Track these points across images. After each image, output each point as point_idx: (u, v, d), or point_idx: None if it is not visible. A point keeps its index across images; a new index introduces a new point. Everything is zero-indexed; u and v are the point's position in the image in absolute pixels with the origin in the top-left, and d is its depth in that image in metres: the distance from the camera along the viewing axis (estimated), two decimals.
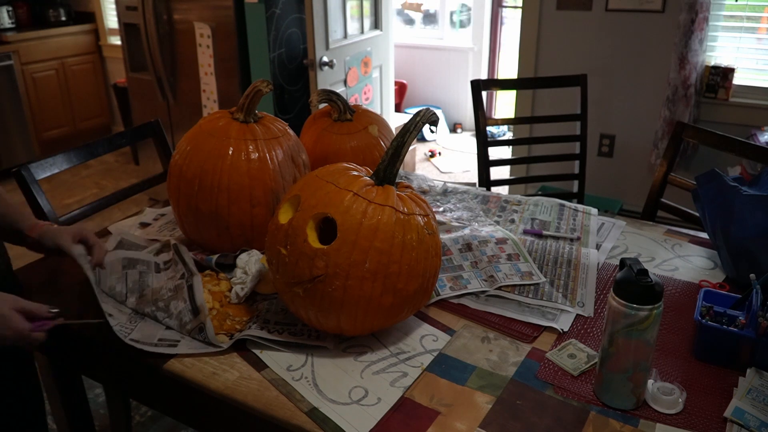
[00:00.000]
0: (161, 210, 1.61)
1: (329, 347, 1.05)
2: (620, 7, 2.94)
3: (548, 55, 3.21)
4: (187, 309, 1.10)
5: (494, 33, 5.16)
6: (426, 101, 5.37)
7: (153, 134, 1.86)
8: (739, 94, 2.88)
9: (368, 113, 1.59)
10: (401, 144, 1.05)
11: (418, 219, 1.02)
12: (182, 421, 1.25)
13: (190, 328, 1.08)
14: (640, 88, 3.04)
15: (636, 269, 0.89)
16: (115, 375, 1.19)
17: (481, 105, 2.19)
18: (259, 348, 1.06)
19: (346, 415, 0.92)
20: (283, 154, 1.28)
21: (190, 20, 3.10)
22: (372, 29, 3.51)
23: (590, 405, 0.95)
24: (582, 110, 2.24)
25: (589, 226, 1.50)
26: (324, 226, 1.01)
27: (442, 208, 1.59)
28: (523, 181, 2.45)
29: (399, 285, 0.99)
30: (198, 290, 1.11)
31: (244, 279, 1.19)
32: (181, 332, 1.08)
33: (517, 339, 1.10)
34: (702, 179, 1.37)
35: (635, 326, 0.88)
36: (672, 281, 1.29)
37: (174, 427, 2.00)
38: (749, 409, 0.91)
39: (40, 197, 1.50)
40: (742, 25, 2.84)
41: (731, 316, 1.07)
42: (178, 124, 3.48)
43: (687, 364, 1.04)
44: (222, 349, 1.05)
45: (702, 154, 2.99)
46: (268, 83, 1.29)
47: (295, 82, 3.20)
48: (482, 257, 1.31)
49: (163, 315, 1.11)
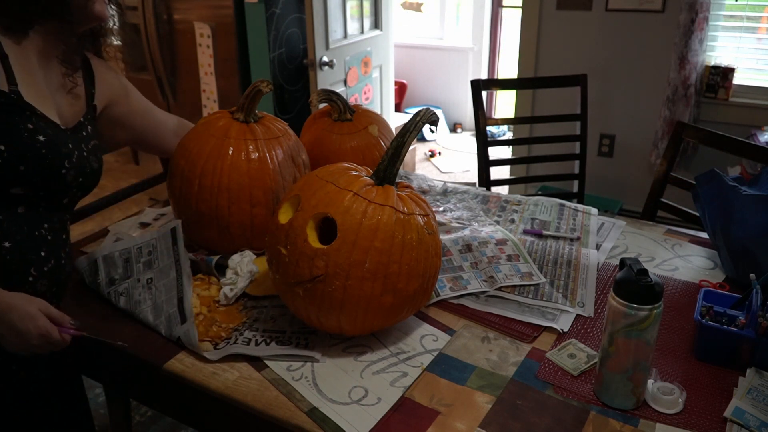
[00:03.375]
0: (161, 210, 1.61)
1: (317, 357, 1.04)
2: (620, 7, 2.94)
3: (548, 55, 3.21)
4: (175, 314, 1.09)
5: (494, 33, 5.16)
6: (426, 101, 5.38)
7: None
8: (739, 94, 2.88)
9: (368, 113, 1.59)
10: (401, 144, 1.05)
11: (418, 219, 1.02)
12: (182, 421, 1.25)
13: (176, 334, 1.07)
14: (640, 88, 3.04)
15: (636, 269, 0.89)
16: (115, 375, 1.19)
17: (481, 105, 2.19)
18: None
19: (346, 415, 0.92)
20: (283, 154, 1.28)
21: (190, 20, 3.10)
22: (372, 29, 3.51)
23: (590, 405, 0.95)
24: (582, 110, 2.24)
25: (589, 226, 1.50)
26: (324, 226, 1.01)
27: (442, 208, 1.59)
28: (523, 181, 2.45)
29: (399, 285, 0.99)
30: (187, 295, 1.11)
31: (234, 280, 1.18)
32: (170, 338, 1.08)
33: (517, 339, 1.10)
34: (702, 179, 1.37)
35: (635, 326, 0.88)
36: (672, 281, 1.29)
37: (174, 427, 2.00)
38: (749, 409, 0.91)
39: None
40: (742, 25, 2.84)
41: (731, 316, 1.07)
42: None
43: (687, 364, 1.04)
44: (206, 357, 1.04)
45: (702, 154, 2.99)
46: (268, 83, 1.29)
47: (295, 82, 3.20)
48: (482, 258, 1.31)
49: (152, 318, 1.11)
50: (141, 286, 1.17)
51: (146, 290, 1.16)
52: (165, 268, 1.18)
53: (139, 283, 1.18)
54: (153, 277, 1.18)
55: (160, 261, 1.20)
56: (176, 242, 1.20)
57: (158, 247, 1.22)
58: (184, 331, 1.05)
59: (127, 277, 1.19)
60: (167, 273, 1.17)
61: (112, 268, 1.21)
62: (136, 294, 1.16)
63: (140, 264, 1.21)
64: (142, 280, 1.18)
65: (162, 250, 1.21)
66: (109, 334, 1.11)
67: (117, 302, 1.17)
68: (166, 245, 1.21)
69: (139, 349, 1.07)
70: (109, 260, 1.22)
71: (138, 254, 1.23)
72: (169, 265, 1.18)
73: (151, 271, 1.19)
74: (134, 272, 1.20)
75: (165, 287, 1.15)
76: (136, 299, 1.15)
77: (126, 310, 1.15)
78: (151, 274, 1.19)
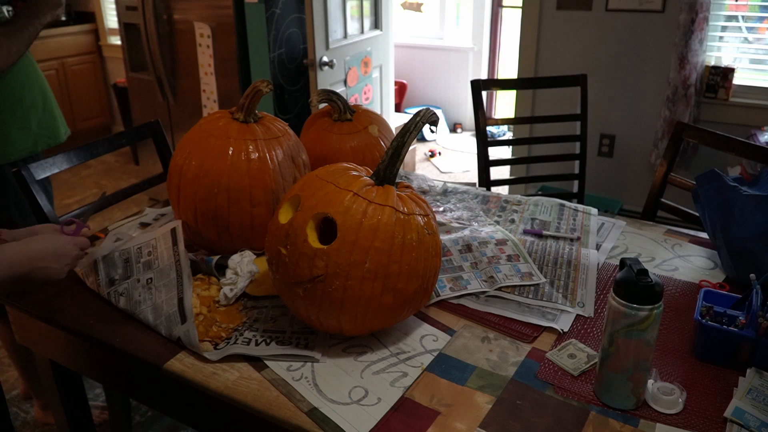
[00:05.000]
0: (161, 210, 1.61)
1: (317, 357, 1.04)
2: (620, 7, 2.94)
3: (548, 55, 3.21)
4: (175, 314, 1.09)
5: (494, 33, 5.16)
6: (426, 101, 5.37)
7: (153, 134, 1.86)
8: (739, 94, 2.88)
9: (368, 113, 1.59)
10: (401, 144, 1.05)
11: (418, 219, 1.02)
12: (182, 421, 1.25)
13: (176, 334, 1.07)
14: (640, 88, 3.04)
15: (636, 269, 0.89)
16: (115, 375, 1.19)
17: (481, 105, 2.19)
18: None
19: (346, 415, 0.92)
20: (283, 154, 1.28)
21: (190, 20, 3.10)
22: (372, 29, 3.51)
23: (590, 405, 0.95)
24: (582, 110, 2.24)
25: (589, 226, 1.50)
26: (324, 226, 1.01)
27: (442, 208, 1.59)
28: (523, 181, 2.45)
29: (399, 285, 0.99)
30: (187, 295, 1.11)
31: (234, 280, 1.18)
32: (170, 338, 1.08)
33: (517, 339, 1.10)
34: (702, 179, 1.37)
35: (635, 326, 0.88)
36: (672, 281, 1.29)
37: (174, 427, 2.00)
38: (749, 409, 0.91)
39: (39, 197, 1.50)
40: (742, 25, 2.84)
41: (731, 316, 1.07)
42: (178, 124, 3.48)
43: (687, 364, 1.04)
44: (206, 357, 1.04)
45: (702, 154, 2.99)
46: (268, 83, 1.29)
47: (295, 82, 3.20)
48: (482, 258, 1.31)
49: (152, 318, 1.11)
50: (141, 286, 1.17)
51: (146, 290, 1.16)
52: (165, 269, 1.18)
53: (138, 283, 1.18)
54: (153, 277, 1.18)
55: (160, 261, 1.20)
56: (176, 243, 1.20)
57: (158, 248, 1.22)
58: (184, 331, 1.05)
59: (127, 278, 1.19)
60: (167, 273, 1.17)
61: (111, 269, 1.21)
62: (136, 294, 1.16)
63: (140, 264, 1.21)
64: (141, 280, 1.18)
65: (162, 250, 1.21)
66: (109, 334, 1.11)
67: (117, 302, 1.17)
68: (166, 245, 1.21)
69: (139, 349, 1.07)
70: (108, 260, 1.22)
71: (138, 254, 1.22)
72: (169, 265, 1.18)
73: (151, 272, 1.19)
74: (134, 272, 1.19)
75: (165, 287, 1.15)
76: (136, 299, 1.15)
77: (126, 311, 1.15)
78: (151, 274, 1.19)
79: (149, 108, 3.54)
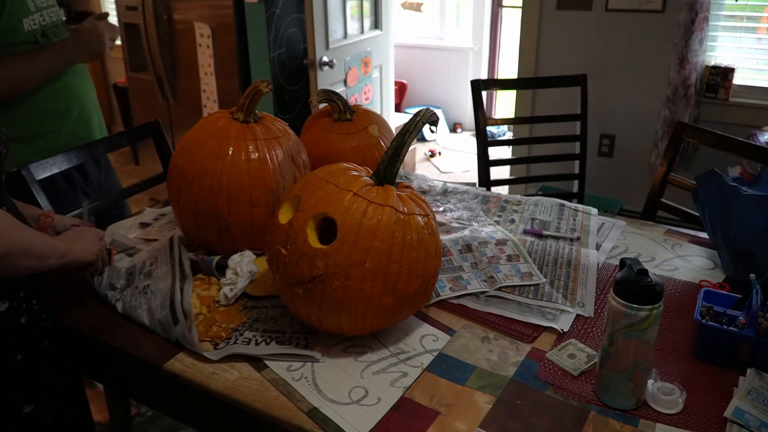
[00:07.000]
0: (161, 210, 1.61)
1: (317, 357, 1.04)
2: (620, 7, 2.94)
3: (548, 55, 3.21)
4: (167, 317, 1.09)
5: (494, 33, 5.16)
6: (426, 101, 5.37)
7: (153, 134, 1.86)
8: (739, 94, 2.88)
9: (368, 113, 1.59)
10: (401, 144, 1.05)
11: (418, 219, 1.02)
12: (182, 421, 1.25)
13: (174, 335, 1.07)
14: (640, 88, 3.04)
15: (636, 269, 0.89)
16: (115, 375, 1.19)
17: (481, 105, 2.19)
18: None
19: (346, 415, 0.92)
20: (283, 154, 1.28)
21: (190, 20, 3.10)
22: (372, 29, 3.51)
23: (590, 405, 0.95)
24: (582, 110, 2.24)
25: (589, 226, 1.50)
26: (324, 226, 1.01)
27: (442, 208, 1.59)
28: (523, 181, 2.45)
29: (399, 285, 0.99)
30: (187, 295, 1.11)
31: (234, 280, 1.18)
32: (169, 338, 1.08)
33: (517, 339, 1.10)
34: (702, 179, 1.37)
35: (635, 326, 0.88)
36: (672, 281, 1.29)
37: (174, 427, 2.00)
38: (749, 410, 0.91)
39: (40, 197, 1.50)
40: (742, 25, 2.84)
41: (731, 316, 1.07)
42: (178, 124, 3.48)
43: (687, 364, 1.04)
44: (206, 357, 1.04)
45: (702, 154, 2.99)
46: (268, 83, 1.29)
47: (295, 82, 3.20)
48: (482, 258, 1.31)
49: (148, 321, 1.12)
50: (138, 293, 1.18)
51: (142, 295, 1.17)
52: (162, 276, 1.19)
53: (136, 290, 1.19)
54: (150, 283, 1.19)
55: (158, 270, 1.21)
56: (173, 250, 1.22)
57: (158, 258, 1.24)
58: (180, 332, 1.05)
59: (128, 287, 1.21)
60: (164, 280, 1.18)
61: (114, 276, 1.23)
62: (132, 300, 1.17)
63: (141, 275, 1.23)
64: (139, 287, 1.19)
65: (161, 260, 1.23)
66: (109, 334, 1.11)
67: (114, 306, 1.17)
68: (164, 255, 1.23)
69: (139, 349, 1.07)
70: (113, 269, 1.24)
71: (141, 268, 1.25)
72: (166, 272, 1.20)
73: (149, 279, 1.20)
74: (135, 282, 1.22)
75: (160, 292, 1.15)
76: (132, 304, 1.16)
77: (123, 314, 1.16)
78: (149, 281, 1.20)
79: (149, 108, 3.54)
